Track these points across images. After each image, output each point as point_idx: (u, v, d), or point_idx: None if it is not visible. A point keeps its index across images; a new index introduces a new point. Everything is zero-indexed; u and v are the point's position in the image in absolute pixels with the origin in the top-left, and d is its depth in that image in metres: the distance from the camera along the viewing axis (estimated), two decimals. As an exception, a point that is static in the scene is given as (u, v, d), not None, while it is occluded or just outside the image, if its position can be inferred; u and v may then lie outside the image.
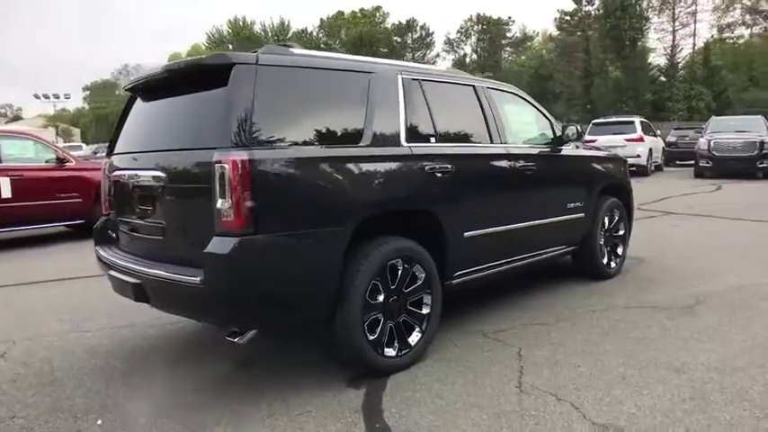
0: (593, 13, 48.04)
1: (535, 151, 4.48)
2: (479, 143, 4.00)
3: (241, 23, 63.95)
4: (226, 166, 2.60)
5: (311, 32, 65.18)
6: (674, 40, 46.63)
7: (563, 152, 4.73)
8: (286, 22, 66.10)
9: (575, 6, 48.88)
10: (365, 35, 60.29)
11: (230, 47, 61.55)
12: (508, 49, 54.74)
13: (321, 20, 65.69)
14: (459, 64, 56.68)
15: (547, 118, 4.78)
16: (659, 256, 6.21)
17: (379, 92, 3.33)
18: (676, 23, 46.45)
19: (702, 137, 17.05)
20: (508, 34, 54.32)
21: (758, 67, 44.68)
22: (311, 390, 3.07)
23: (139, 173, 3.17)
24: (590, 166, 5.12)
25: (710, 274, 5.39)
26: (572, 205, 4.75)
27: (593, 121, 19.19)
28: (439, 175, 3.48)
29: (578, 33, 48.65)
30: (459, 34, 56.16)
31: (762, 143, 15.65)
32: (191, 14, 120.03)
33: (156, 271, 2.91)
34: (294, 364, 3.49)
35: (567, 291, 4.93)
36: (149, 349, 3.85)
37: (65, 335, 4.17)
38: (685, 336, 3.74)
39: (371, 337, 3.11)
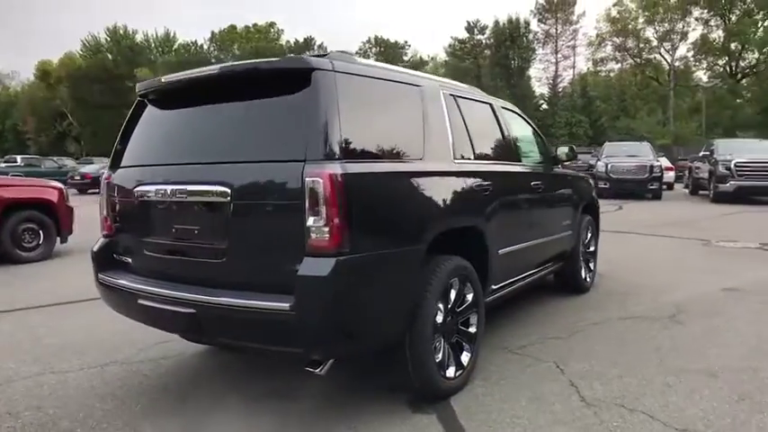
0: (484, 41, 51.19)
1: (541, 170, 4.64)
2: (505, 161, 4.06)
3: (121, 32, 60.30)
4: (320, 180, 2.40)
5: (201, 45, 62.97)
6: (556, 71, 50.85)
7: (558, 172, 4.94)
8: (171, 34, 63.42)
9: (467, 35, 51.75)
10: (261, 51, 59.30)
11: (109, 56, 57.81)
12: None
13: (212, 33, 63.76)
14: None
15: (541, 137, 4.97)
16: (612, 270, 6.63)
17: (430, 106, 3.28)
18: (558, 55, 50.69)
19: (599, 160, 18.61)
20: (405, 57, 56.17)
21: (627, 98, 49.83)
22: (377, 417, 2.90)
23: (189, 187, 2.77)
24: (576, 186, 5.39)
25: (670, 284, 5.85)
26: (565, 222, 4.96)
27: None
28: (483, 192, 3.48)
29: (470, 60, 51.42)
30: (357, 55, 56.83)
31: (651, 167, 17.40)
32: (64, 21, 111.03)
33: (226, 299, 2.56)
34: (331, 392, 3.27)
35: (556, 305, 5.11)
36: (159, 388, 3.42)
37: (38, 377, 3.58)
38: (692, 342, 4.01)
39: (438, 359, 3.01)
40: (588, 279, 5.62)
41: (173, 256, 2.92)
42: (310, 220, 2.42)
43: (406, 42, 56.56)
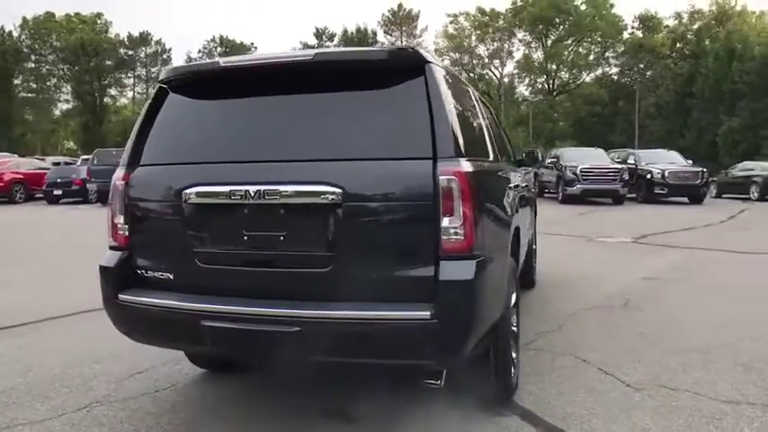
0: (333, 48, 51.83)
1: (522, 169, 4.85)
2: (508, 161, 4.17)
3: None
4: (455, 179, 2.26)
5: (9, 32, 54.84)
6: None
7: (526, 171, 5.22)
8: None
9: (316, 41, 51.98)
10: (88, 43, 53.59)
11: None
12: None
13: (24, 19, 55.92)
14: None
15: (508, 138, 5.20)
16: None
17: (479, 106, 3.27)
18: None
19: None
20: (252, 60, 54.61)
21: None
22: (458, 425, 2.82)
23: (282, 188, 2.36)
24: (530, 185, 5.71)
25: (596, 276, 6.49)
26: (531, 220, 5.25)
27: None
28: (517, 190, 3.56)
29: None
30: (201, 54, 54.14)
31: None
32: None
33: (348, 312, 2.26)
34: (389, 408, 3.10)
35: (522, 300, 5.36)
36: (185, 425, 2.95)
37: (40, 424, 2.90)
38: (664, 326, 4.48)
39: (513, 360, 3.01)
40: (535, 275, 6.00)
41: (248, 267, 2.50)
42: (445, 221, 2.26)
43: (252, 44, 55.06)
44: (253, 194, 2.38)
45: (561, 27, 56.02)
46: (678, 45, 48.82)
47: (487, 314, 2.45)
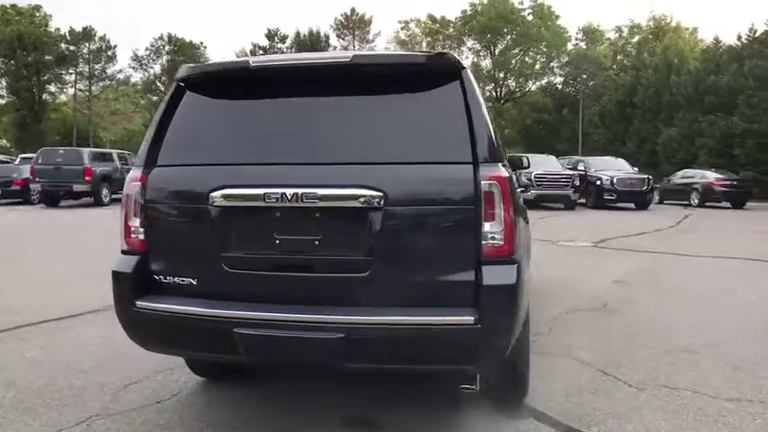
0: (285, 50, 51.19)
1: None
2: None
3: None
4: (497, 183, 2.28)
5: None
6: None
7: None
8: None
9: (267, 42, 51.29)
10: (27, 36, 50.83)
11: None
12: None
13: (-45, 10, 52.53)
14: (150, 83, 52.82)
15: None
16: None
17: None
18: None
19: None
20: (202, 59, 53.18)
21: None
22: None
23: (321, 191, 2.30)
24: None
25: (569, 279, 6.68)
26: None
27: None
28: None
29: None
30: (148, 52, 52.37)
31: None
32: None
33: (393, 317, 2.22)
34: (407, 416, 3.08)
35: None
36: None
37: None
38: (647, 327, 4.66)
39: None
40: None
41: (280, 272, 2.42)
42: (486, 226, 2.28)
43: (201, 43, 53.73)
44: (289, 197, 2.30)
45: (509, 36, 57.53)
46: (619, 57, 51.07)
47: (522, 318, 2.47)
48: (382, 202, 2.28)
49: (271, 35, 51.72)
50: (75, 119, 52.73)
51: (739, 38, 29.52)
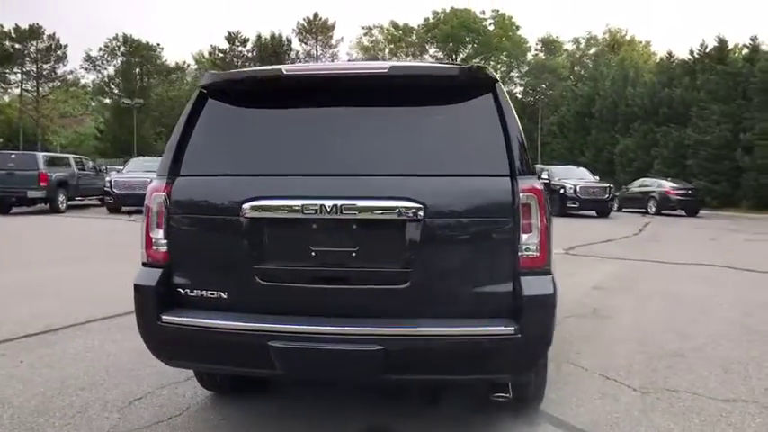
0: (245, 53, 50.72)
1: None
2: None
3: None
4: (534, 196, 2.34)
5: None
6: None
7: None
8: None
9: (228, 45, 50.64)
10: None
11: None
12: (160, 77, 52.23)
13: None
14: (104, 85, 51.24)
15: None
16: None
17: None
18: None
19: None
20: (158, 61, 52.01)
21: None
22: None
23: (361, 203, 2.30)
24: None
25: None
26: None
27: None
28: None
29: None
30: (102, 52, 50.75)
31: None
32: None
33: (434, 329, 2.25)
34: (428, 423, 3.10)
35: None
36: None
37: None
38: (635, 332, 4.82)
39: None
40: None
41: (316, 285, 2.40)
42: (524, 237, 2.33)
43: (158, 45, 52.48)
44: (328, 209, 2.30)
45: (470, 46, 58.61)
46: (576, 68, 52.66)
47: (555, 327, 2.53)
48: (422, 214, 2.30)
49: (231, 38, 51.07)
50: (22, 121, 50.61)
51: (691, 53, 30.89)
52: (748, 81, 25.89)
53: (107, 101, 52.32)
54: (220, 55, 50.99)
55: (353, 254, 2.37)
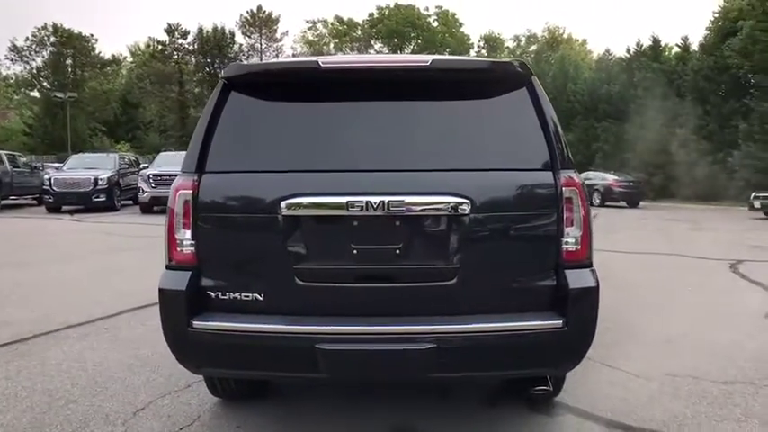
0: (186, 46, 48.96)
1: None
2: None
3: None
4: (576, 189, 2.36)
5: None
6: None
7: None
8: None
9: (167, 37, 48.73)
10: None
11: None
12: (93, 69, 49.52)
13: None
14: (32, 77, 48.13)
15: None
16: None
17: None
18: (263, 70, 51.90)
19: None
20: (92, 53, 49.30)
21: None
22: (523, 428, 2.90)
23: (408, 199, 2.23)
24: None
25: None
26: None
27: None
28: None
29: (172, 64, 48.56)
30: (29, 42, 47.60)
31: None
32: None
33: (486, 325, 2.22)
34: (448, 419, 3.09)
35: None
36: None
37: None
38: (624, 321, 4.98)
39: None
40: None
41: (359, 284, 2.32)
42: (567, 231, 2.34)
43: (92, 35, 49.76)
44: (375, 205, 2.22)
45: (415, 42, 58.95)
46: (517, 65, 53.89)
47: None
48: (468, 209, 2.27)
49: (171, 30, 49.09)
50: (-63, 114, 46.99)
51: (628, 51, 32.30)
52: (681, 79, 27.33)
53: (36, 94, 49.25)
54: (160, 47, 48.94)
55: (397, 251, 2.31)
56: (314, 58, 2.41)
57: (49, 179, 17.13)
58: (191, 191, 2.36)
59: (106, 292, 6.07)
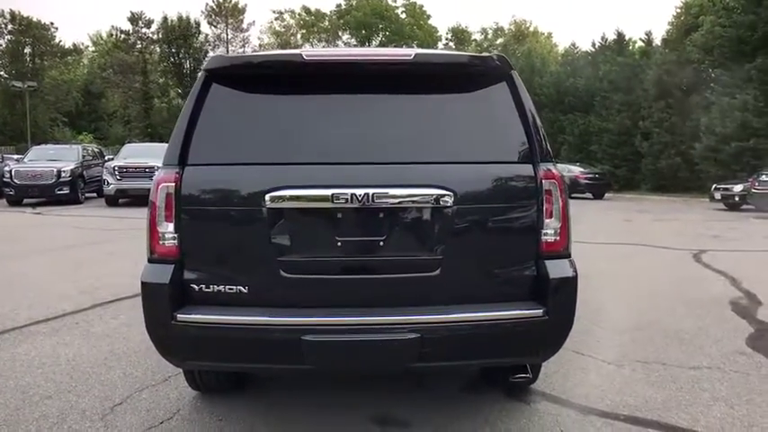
0: (150, 35, 47.86)
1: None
2: None
3: None
4: (555, 182, 2.41)
5: None
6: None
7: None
8: None
9: (131, 26, 47.53)
10: None
11: None
12: (54, 59, 47.82)
13: None
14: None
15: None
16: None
17: None
18: (230, 60, 51.09)
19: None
20: (52, 42, 47.62)
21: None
22: (506, 415, 2.97)
23: (392, 191, 2.26)
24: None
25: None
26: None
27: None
28: None
29: (136, 54, 47.39)
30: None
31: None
32: None
33: (467, 314, 2.27)
34: (430, 411, 3.14)
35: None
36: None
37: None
38: (593, 309, 5.11)
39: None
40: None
41: (343, 275, 2.35)
42: (546, 222, 2.40)
43: (52, 24, 48.03)
44: (360, 198, 2.24)
45: (383, 33, 58.82)
46: (486, 58, 54.33)
47: None
48: (451, 201, 2.31)
49: (134, 19, 47.89)
50: None
51: (593, 44, 32.88)
52: (645, 73, 27.97)
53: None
54: (123, 36, 47.66)
55: (381, 243, 2.34)
56: (297, 51, 2.41)
57: (10, 171, 16.59)
58: (173, 183, 2.33)
59: (74, 286, 5.94)
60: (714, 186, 18.44)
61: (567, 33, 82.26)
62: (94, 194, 18.45)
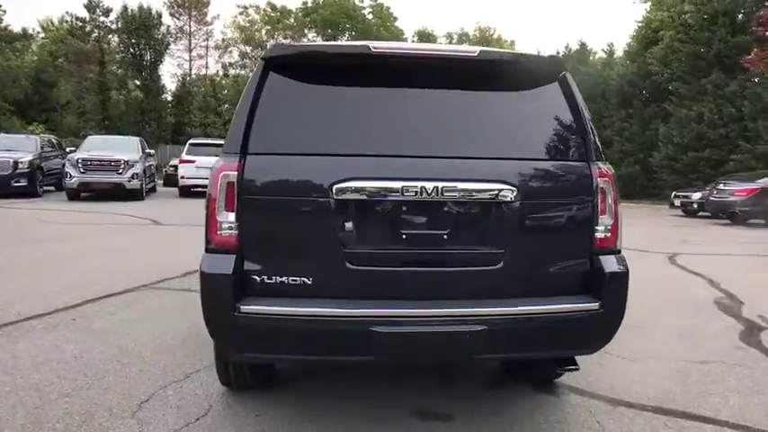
0: (108, 24, 46.21)
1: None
2: None
3: None
4: (608, 180, 2.49)
5: None
6: (190, 69, 49.99)
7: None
8: None
9: (87, 14, 45.80)
10: None
11: None
12: (1, 44, 45.59)
13: None
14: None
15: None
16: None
17: None
18: (193, 54, 49.98)
19: None
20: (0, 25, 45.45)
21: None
22: (537, 408, 3.04)
23: (461, 185, 2.30)
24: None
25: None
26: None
27: (190, 141, 19.66)
28: None
29: (92, 43, 45.69)
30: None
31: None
32: None
33: (532, 307, 2.33)
34: (464, 403, 3.17)
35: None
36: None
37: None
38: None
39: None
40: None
41: (407, 267, 2.35)
42: (600, 219, 2.47)
43: (0, 6, 45.80)
44: (429, 191, 2.26)
45: (349, 33, 58.68)
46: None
47: None
48: (515, 196, 2.36)
49: (92, 6, 46.13)
50: None
51: (557, 53, 33.71)
52: (607, 83, 28.87)
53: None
54: (79, 24, 45.82)
55: (444, 236, 2.37)
56: (364, 43, 2.41)
57: (-36, 163, 15.69)
58: (235, 172, 2.29)
59: (58, 282, 5.69)
60: (674, 194, 19.19)
61: (531, 42, 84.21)
62: (52, 188, 17.70)
